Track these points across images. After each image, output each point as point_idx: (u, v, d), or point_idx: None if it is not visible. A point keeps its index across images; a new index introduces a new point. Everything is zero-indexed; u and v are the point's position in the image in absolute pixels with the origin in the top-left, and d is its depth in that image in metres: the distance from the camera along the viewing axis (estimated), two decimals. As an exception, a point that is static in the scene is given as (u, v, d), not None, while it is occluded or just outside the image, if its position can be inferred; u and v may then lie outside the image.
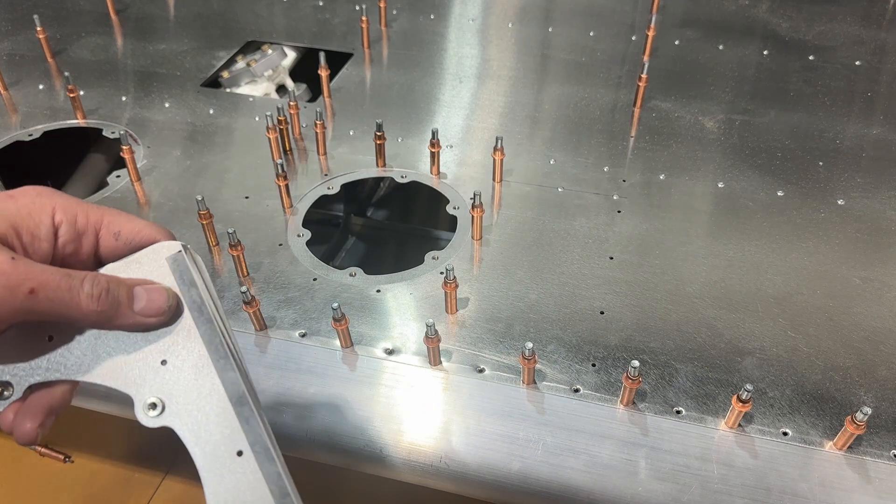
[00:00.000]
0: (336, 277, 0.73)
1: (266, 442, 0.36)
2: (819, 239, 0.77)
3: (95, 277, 0.36)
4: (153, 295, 0.37)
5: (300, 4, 1.28)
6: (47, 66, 1.09)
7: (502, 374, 0.63)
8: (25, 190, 0.38)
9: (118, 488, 1.11)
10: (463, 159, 0.90)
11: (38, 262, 0.35)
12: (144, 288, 0.37)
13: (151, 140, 0.94)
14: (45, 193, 0.38)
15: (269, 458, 0.36)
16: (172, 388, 0.37)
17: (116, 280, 0.37)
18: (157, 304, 0.37)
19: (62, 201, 0.38)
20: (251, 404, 0.37)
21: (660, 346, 0.65)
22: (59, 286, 0.34)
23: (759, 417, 0.59)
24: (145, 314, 0.37)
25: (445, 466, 0.59)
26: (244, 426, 0.36)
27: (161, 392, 0.37)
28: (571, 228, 0.79)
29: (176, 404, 0.37)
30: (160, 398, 0.37)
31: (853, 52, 1.13)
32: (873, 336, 0.66)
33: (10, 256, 0.33)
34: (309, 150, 0.92)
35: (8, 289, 0.33)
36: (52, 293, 0.34)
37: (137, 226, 0.40)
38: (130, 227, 0.39)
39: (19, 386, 0.37)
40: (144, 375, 0.37)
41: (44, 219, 0.37)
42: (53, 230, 0.37)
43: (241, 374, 0.38)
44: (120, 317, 0.37)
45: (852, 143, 0.93)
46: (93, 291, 0.35)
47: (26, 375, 0.37)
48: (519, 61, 1.12)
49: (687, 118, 0.98)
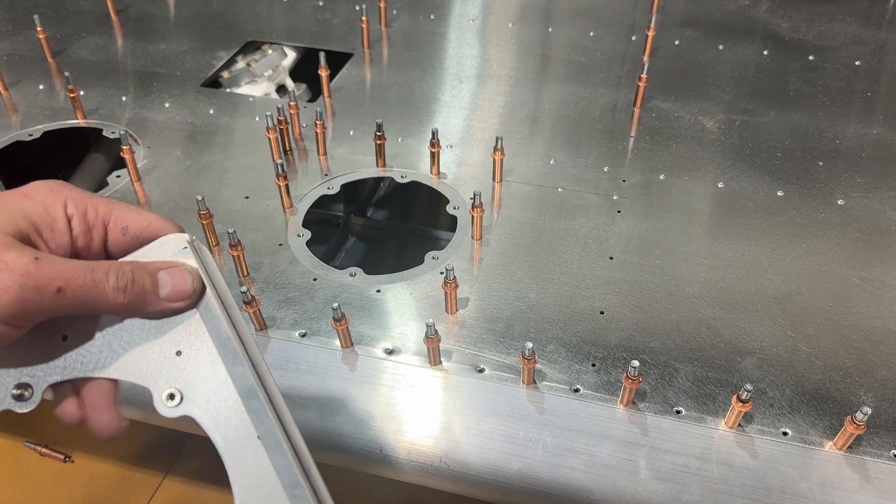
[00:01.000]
0: (336, 277, 0.73)
1: (276, 434, 0.36)
2: (819, 239, 0.77)
3: (120, 268, 0.36)
4: (177, 279, 0.37)
5: (300, 4, 1.28)
6: (47, 66, 1.09)
7: (502, 374, 0.63)
8: (38, 185, 0.38)
9: (118, 488, 1.11)
10: (463, 159, 0.90)
11: (61, 258, 0.35)
12: (168, 272, 0.37)
13: (151, 140, 0.94)
14: (56, 187, 0.38)
15: (280, 450, 0.36)
16: (189, 377, 0.37)
17: (140, 267, 0.37)
18: (182, 288, 0.37)
19: (72, 194, 0.38)
20: (261, 397, 0.36)
21: (660, 346, 0.65)
22: (85, 282, 0.34)
23: (759, 417, 0.59)
24: (171, 299, 0.37)
25: (445, 466, 0.59)
26: (253, 419, 0.36)
27: (178, 382, 0.37)
28: (571, 228, 0.79)
29: (194, 393, 0.37)
30: (178, 388, 0.37)
31: (853, 52, 1.13)
32: (873, 336, 0.66)
33: (33, 256, 0.33)
34: (309, 150, 0.92)
35: (36, 289, 0.33)
36: (79, 290, 0.34)
37: (146, 220, 0.40)
38: (138, 221, 0.39)
39: (38, 387, 0.37)
40: (161, 367, 0.37)
41: (58, 212, 0.37)
42: (67, 223, 0.37)
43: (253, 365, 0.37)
44: (147, 305, 0.37)
45: (852, 143, 0.93)
46: (118, 283, 0.35)
47: (45, 376, 0.37)
48: (519, 61, 1.12)
49: (687, 118, 0.98)
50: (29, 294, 0.33)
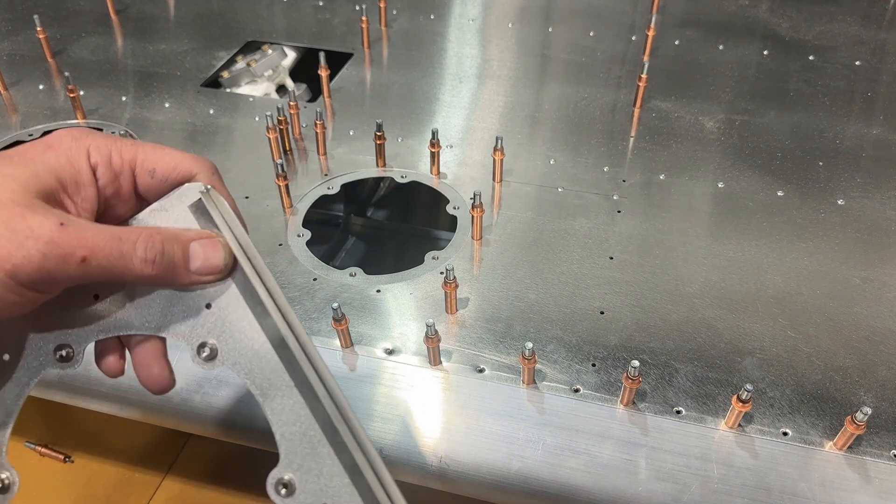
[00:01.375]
0: (336, 277, 0.73)
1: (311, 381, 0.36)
2: (819, 239, 0.77)
3: (150, 238, 0.34)
4: (209, 252, 0.36)
5: (300, 4, 1.28)
6: (47, 66, 1.09)
7: (502, 374, 0.63)
8: (60, 135, 0.36)
9: (118, 488, 1.11)
10: (463, 159, 0.90)
11: (87, 224, 0.33)
12: (201, 244, 0.36)
13: (151, 140, 0.94)
14: (79, 136, 0.37)
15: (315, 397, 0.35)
16: (221, 330, 0.37)
17: (172, 237, 0.36)
18: (214, 262, 0.36)
19: (95, 141, 0.37)
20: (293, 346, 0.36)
21: (660, 346, 0.65)
22: (111, 252, 0.33)
23: (759, 417, 0.59)
24: (202, 272, 0.36)
25: (445, 466, 0.59)
26: (287, 368, 0.36)
27: (210, 335, 0.37)
28: (571, 228, 0.79)
29: (226, 346, 0.37)
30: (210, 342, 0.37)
31: (853, 52, 1.13)
32: (873, 336, 0.66)
33: (58, 222, 0.32)
34: (309, 150, 0.92)
35: (60, 258, 0.32)
36: (105, 260, 0.33)
37: (173, 160, 0.38)
38: (165, 163, 0.38)
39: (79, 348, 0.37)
40: (193, 322, 0.37)
41: (82, 163, 0.36)
42: (92, 173, 0.36)
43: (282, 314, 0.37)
44: (177, 278, 0.36)
45: (852, 143, 0.93)
46: (147, 255, 0.34)
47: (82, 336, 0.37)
48: (519, 61, 1.12)
49: (687, 118, 0.98)
50: (53, 263, 0.31)
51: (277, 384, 0.36)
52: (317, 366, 0.36)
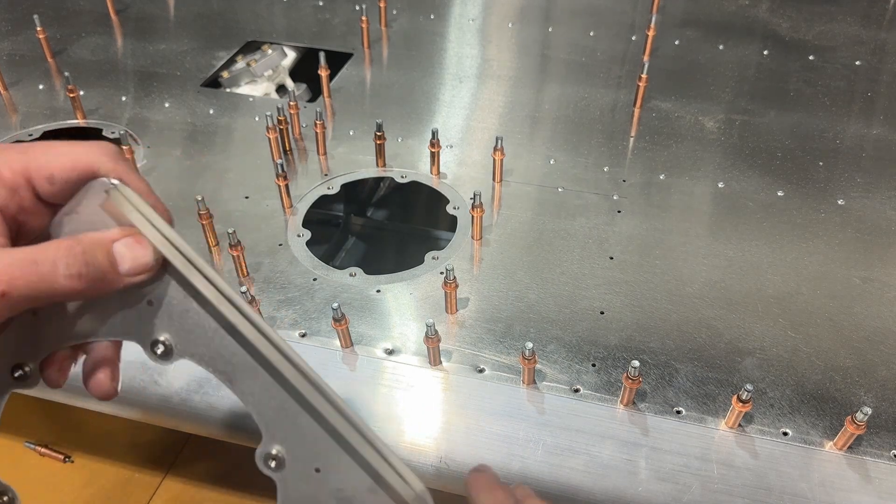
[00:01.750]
0: (336, 277, 0.73)
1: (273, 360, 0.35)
2: (819, 239, 0.77)
3: (69, 251, 0.31)
4: (136, 251, 0.33)
5: (300, 4, 1.28)
6: (47, 66, 1.09)
7: (502, 374, 0.63)
8: None
9: (118, 488, 1.11)
10: (463, 159, 0.90)
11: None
12: (124, 243, 0.33)
13: (151, 140, 0.94)
14: None
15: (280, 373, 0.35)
16: (169, 324, 0.36)
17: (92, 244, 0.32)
18: (143, 260, 0.33)
19: None
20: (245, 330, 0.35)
21: (660, 346, 0.65)
22: (29, 279, 0.30)
23: (759, 417, 0.59)
24: (133, 273, 0.33)
25: (445, 466, 0.59)
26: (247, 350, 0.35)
27: (160, 332, 0.36)
28: (571, 228, 0.79)
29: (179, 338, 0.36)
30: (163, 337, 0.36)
31: (853, 52, 1.13)
32: (873, 336, 0.66)
33: None
34: (309, 150, 0.92)
35: None
36: (26, 289, 0.30)
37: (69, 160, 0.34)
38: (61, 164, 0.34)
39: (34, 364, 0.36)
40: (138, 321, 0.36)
41: None
42: None
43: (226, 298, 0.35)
44: (108, 284, 0.33)
45: (852, 143, 0.93)
46: (70, 271, 0.31)
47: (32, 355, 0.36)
48: (519, 61, 1.12)
49: (687, 118, 0.98)
50: None
51: (241, 367, 0.36)
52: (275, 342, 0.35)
